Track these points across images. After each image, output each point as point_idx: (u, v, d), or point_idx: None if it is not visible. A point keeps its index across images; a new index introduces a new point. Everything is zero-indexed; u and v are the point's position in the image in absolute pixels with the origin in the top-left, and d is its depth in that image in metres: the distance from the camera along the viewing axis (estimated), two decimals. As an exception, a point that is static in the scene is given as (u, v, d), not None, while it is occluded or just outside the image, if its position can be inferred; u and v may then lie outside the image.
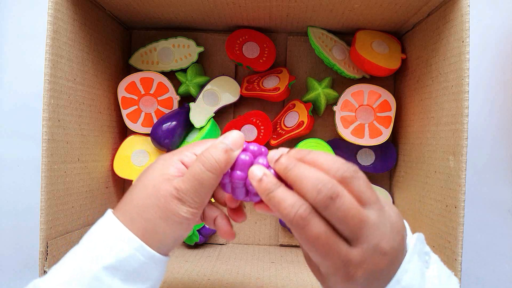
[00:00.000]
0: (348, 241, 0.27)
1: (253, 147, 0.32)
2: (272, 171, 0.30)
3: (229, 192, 0.32)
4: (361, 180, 0.27)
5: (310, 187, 0.26)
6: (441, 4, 0.46)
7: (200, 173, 0.30)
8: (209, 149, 0.31)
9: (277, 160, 0.29)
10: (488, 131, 0.62)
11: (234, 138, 0.31)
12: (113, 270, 0.29)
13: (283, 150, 0.31)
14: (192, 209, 0.30)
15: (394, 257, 0.27)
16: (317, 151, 0.29)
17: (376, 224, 0.27)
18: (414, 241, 0.29)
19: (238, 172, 0.31)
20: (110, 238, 0.30)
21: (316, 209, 0.27)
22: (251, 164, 0.31)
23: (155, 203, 0.30)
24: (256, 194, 0.30)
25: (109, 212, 0.32)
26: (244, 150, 0.32)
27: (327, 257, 0.27)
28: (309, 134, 0.58)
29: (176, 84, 0.59)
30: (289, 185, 0.29)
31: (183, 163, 0.32)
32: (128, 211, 0.31)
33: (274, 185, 0.28)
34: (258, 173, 0.29)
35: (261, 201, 0.31)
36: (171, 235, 0.31)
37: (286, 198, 0.27)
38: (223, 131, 0.58)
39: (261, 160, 0.31)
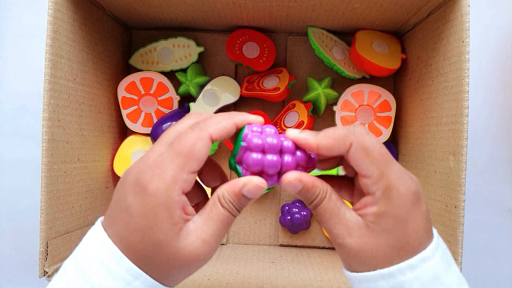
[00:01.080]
0: None
1: (271, 139, 0.28)
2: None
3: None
4: None
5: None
6: (441, 4, 0.46)
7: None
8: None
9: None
10: (488, 131, 0.62)
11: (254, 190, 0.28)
12: None
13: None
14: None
15: None
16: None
17: None
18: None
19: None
20: (108, 268, 0.26)
21: None
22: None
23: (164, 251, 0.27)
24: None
25: (102, 232, 0.27)
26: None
27: None
28: (309, 134, 0.58)
29: (176, 84, 0.59)
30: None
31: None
32: (126, 237, 0.26)
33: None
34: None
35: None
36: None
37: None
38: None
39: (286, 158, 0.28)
